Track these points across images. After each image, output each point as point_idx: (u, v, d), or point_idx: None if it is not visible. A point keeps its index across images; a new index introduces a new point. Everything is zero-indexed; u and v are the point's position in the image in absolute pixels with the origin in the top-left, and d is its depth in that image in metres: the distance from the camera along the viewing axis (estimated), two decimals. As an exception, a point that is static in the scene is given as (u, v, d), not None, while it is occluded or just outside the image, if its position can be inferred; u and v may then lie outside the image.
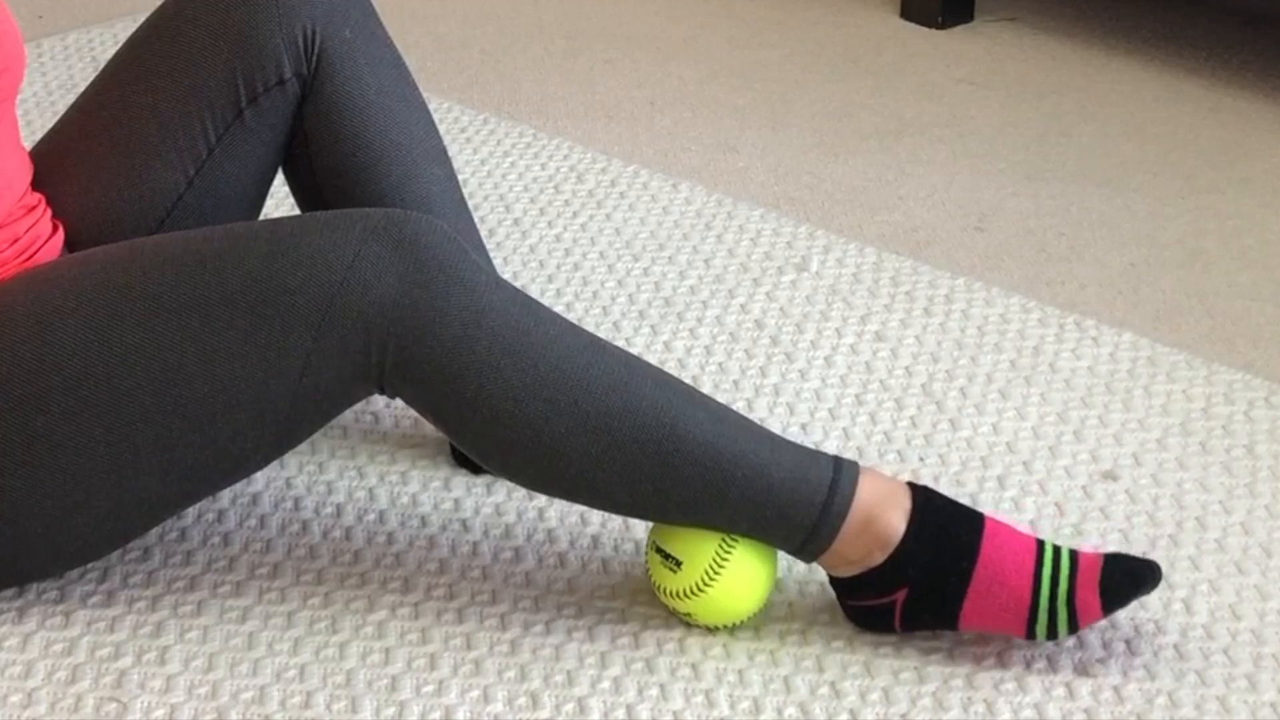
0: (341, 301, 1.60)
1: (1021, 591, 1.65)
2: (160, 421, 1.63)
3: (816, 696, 1.66)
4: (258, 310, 1.61)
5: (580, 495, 1.67)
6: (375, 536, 1.85)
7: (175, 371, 1.61)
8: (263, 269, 1.61)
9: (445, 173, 1.90)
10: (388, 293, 1.60)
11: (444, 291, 1.61)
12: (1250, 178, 2.62)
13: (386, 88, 1.87)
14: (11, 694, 1.64)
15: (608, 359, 1.64)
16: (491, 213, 2.46)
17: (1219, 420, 2.05)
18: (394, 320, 1.60)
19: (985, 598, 1.66)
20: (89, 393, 1.62)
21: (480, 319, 1.61)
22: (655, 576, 1.71)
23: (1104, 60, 2.99)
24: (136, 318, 1.62)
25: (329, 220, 1.63)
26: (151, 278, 1.63)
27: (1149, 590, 1.65)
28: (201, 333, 1.61)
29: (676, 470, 1.64)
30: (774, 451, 1.65)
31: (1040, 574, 1.65)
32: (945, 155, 2.68)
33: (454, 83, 2.87)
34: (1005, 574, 1.65)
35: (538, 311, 1.64)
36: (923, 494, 1.68)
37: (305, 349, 1.61)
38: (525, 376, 1.62)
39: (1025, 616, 1.65)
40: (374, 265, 1.60)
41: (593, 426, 1.62)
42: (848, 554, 1.67)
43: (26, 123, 2.63)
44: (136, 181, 1.82)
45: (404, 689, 1.66)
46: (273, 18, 1.82)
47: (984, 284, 2.32)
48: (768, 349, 2.17)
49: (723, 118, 2.78)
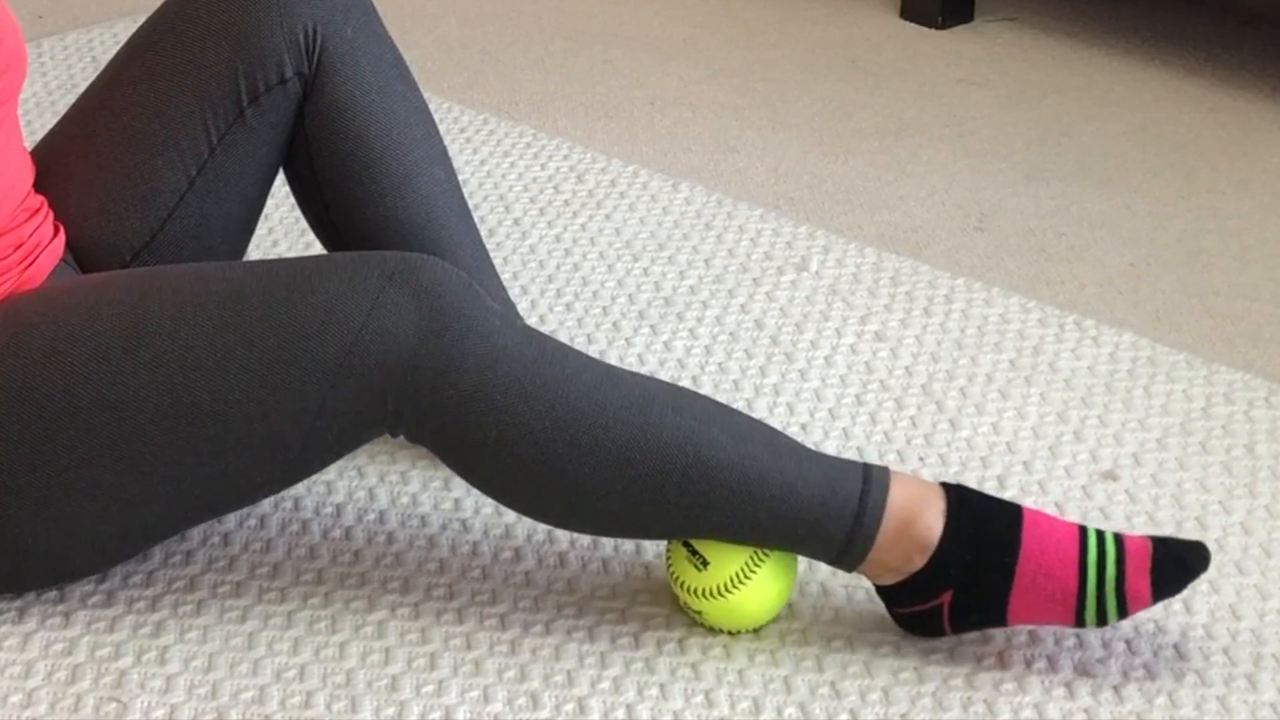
0: (359, 349, 1.60)
1: (1068, 581, 1.63)
2: (170, 455, 1.63)
3: (816, 696, 1.66)
4: (275, 354, 1.60)
5: (610, 528, 1.66)
6: (375, 536, 1.85)
7: (188, 409, 1.61)
8: (281, 313, 1.61)
9: (445, 173, 1.90)
10: (405, 342, 1.60)
11: (459, 341, 1.61)
12: (1250, 178, 2.62)
13: (387, 87, 1.87)
14: (11, 694, 1.64)
15: (625, 391, 1.64)
16: (491, 213, 2.46)
17: (1219, 420, 2.05)
18: (411, 369, 1.60)
19: (1031, 591, 1.64)
20: (99, 422, 1.62)
21: (495, 365, 1.61)
22: (676, 569, 1.70)
23: (1104, 60, 2.99)
24: (152, 353, 1.61)
25: (347, 265, 1.63)
26: (169, 313, 1.62)
27: (1199, 574, 1.63)
28: (217, 373, 1.61)
29: (704, 496, 1.63)
30: (800, 466, 1.64)
31: (1085, 560, 1.63)
32: (945, 155, 2.68)
33: (454, 83, 2.87)
34: (1050, 564, 1.63)
35: (553, 350, 1.64)
36: (956, 492, 1.67)
37: (321, 394, 1.61)
38: (544, 419, 1.61)
39: (1073, 606, 1.63)
40: (392, 314, 1.60)
41: (616, 461, 1.62)
42: (887, 561, 1.66)
43: (26, 123, 2.63)
44: (138, 181, 1.82)
45: (404, 689, 1.66)
46: (274, 17, 1.82)
47: (984, 284, 2.32)
48: (768, 349, 2.17)
49: (723, 118, 2.78)
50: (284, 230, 2.39)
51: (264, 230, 2.38)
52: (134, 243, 1.82)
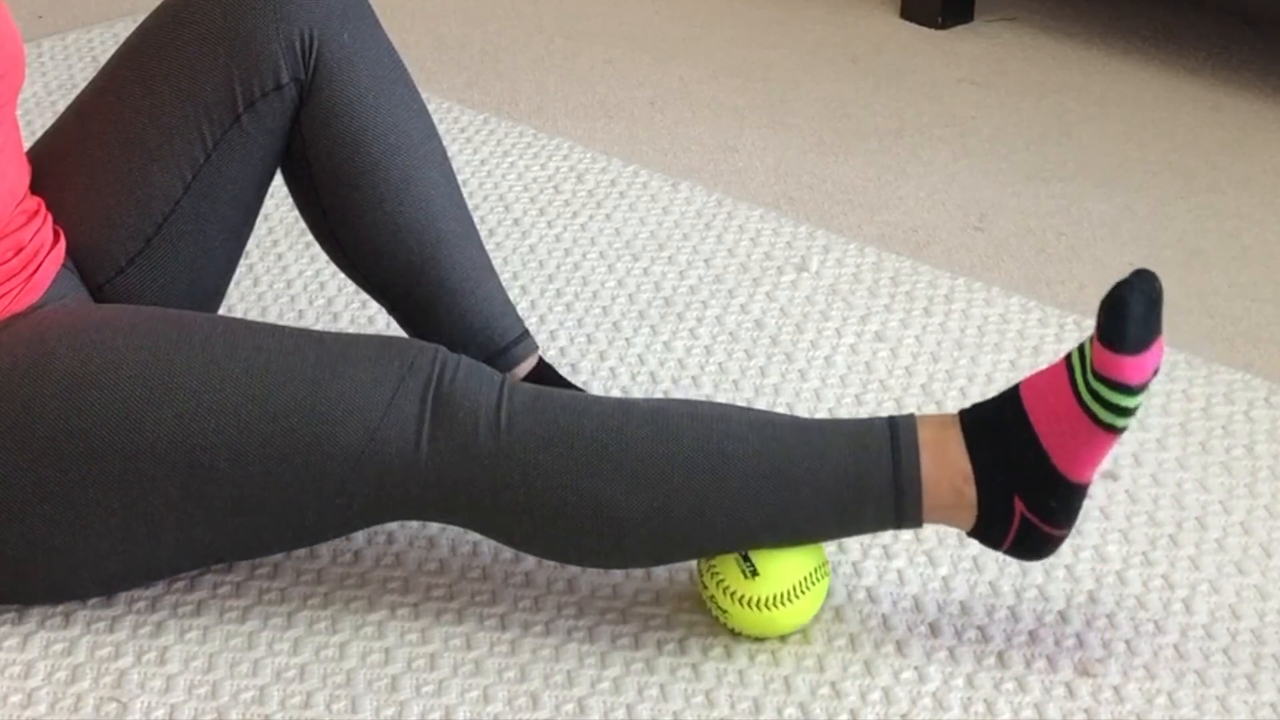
0: (380, 436, 1.62)
1: (1070, 408, 1.62)
2: (183, 509, 1.64)
3: (816, 696, 1.66)
4: (297, 434, 1.61)
5: (664, 551, 1.66)
6: (375, 536, 1.85)
7: (205, 470, 1.62)
8: (306, 394, 1.62)
9: (444, 175, 1.90)
10: (422, 443, 1.62)
11: (472, 425, 1.63)
12: (1250, 178, 2.62)
13: (385, 91, 1.86)
14: (11, 694, 1.64)
15: (638, 412, 1.65)
16: (491, 213, 2.46)
17: (1219, 420, 2.05)
18: (429, 456, 1.62)
19: (1059, 436, 1.63)
20: (113, 467, 1.62)
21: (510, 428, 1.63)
22: (721, 571, 1.68)
23: (1104, 60, 2.99)
24: (174, 411, 1.61)
25: (371, 351, 1.65)
26: (196, 373, 1.62)
27: (1148, 289, 1.61)
28: (238, 442, 1.61)
29: (741, 490, 1.63)
30: (824, 435, 1.65)
31: (1074, 377, 1.63)
32: (945, 155, 2.68)
33: (454, 83, 2.87)
34: (1058, 410, 1.62)
35: (560, 397, 1.65)
36: (966, 413, 1.66)
37: (342, 476, 1.63)
38: (568, 461, 1.62)
39: (1082, 415, 1.62)
40: (413, 402, 1.62)
41: (647, 480, 1.62)
42: (944, 497, 1.65)
43: (26, 123, 2.63)
44: (133, 186, 1.82)
45: (404, 689, 1.66)
46: (270, 23, 1.81)
47: (984, 284, 2.32)
48: (768, 349, 2.17)
49: (723, 118, 2.78)
50: (284, 230, 2.39)
51: (264, 230, 2.38)
52: (129, 247, 1.82)
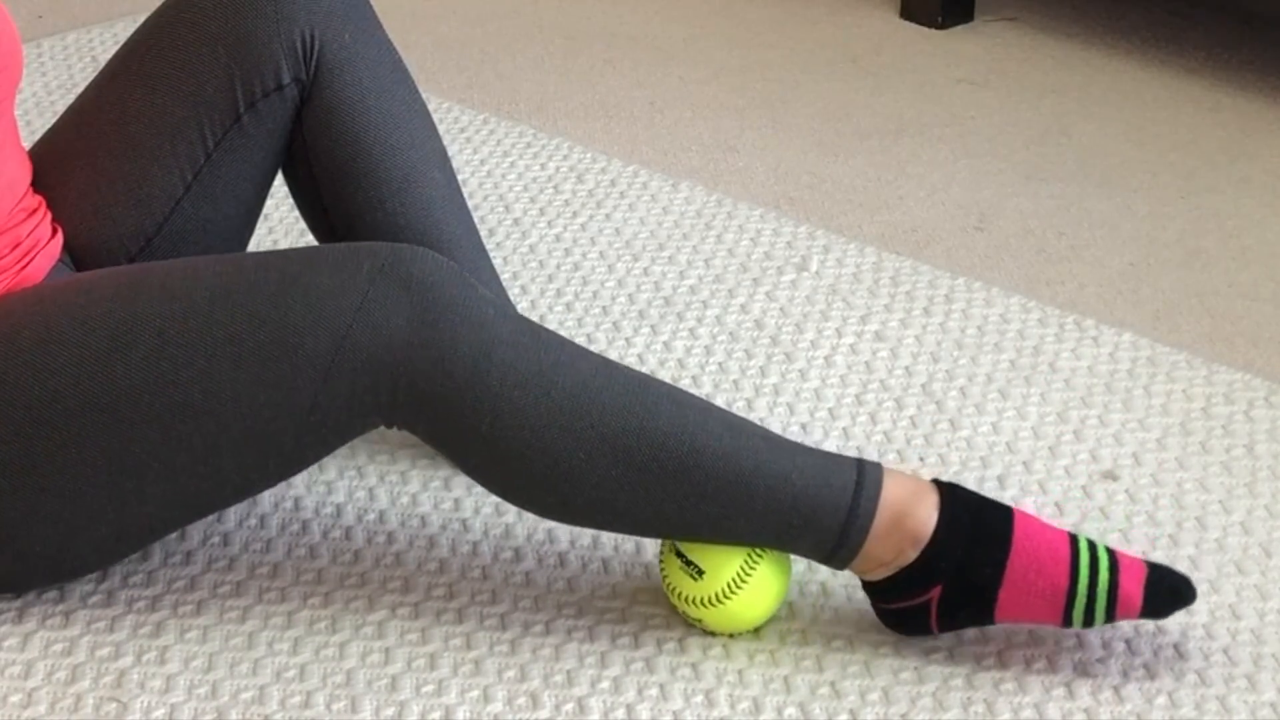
0: (350, 343, 1.59)
1: (1059, 578, 1.63)
2: (164, 454, 1.63)
3: (816, 696, 1.66)
4: (265, 350, 1.60)
5: (604, 520, 1.66)
6: (375, 536, 1.85)
7: (180, 408, 1.61)
8: (270, 309, 1.60)
9: (445, 176, 1.90)
10: (397, 334, 1.59)
11: (452, 330, 1.60)
12: (1250, 178, 2.62)
13: (386, 92, 1.86)
14: (11, 694, 1.64)
15: (620, 380, 1.63)
16: (491, 213, 2.46)
17: (1219, 420, 2.06)
18: (403, 361, 1.60)
19: (1021, 586, 1.63)
20: (91, 422, 1.61)
21: (490, 353, 1.60)
22: (672, 580, 1.70)
23: (1104, 60, 2.99)
24: (141, 352, 1.60)
25: (336, 258, 1.62)
26: (157, 311, 1.61)
27: (1186, 605, 1.64)
28: (208, 370, 1.60)
29: (699, 486, 1.63)
30: (795, 459, 1.64)
31: (1077, 561, 1.63)
32: (945, 155, 2.68)
33: (454, 83, 2.87)
34: (1041, 560, 1.63)
35: (548, 339, 1.64)
36: (949, 488, 1.67)
37: (314, 389, 1.61)
38: (540, 406, 1.61)
39: (1062, 604, 1.63)
40: (382, 306, 1.59)
41: (612, 450, 1.61)
42: (880, 554, 1.66)
43: (26, 123, 2.63)
44: (134, 186, 1.82)
45: (404, 689, 1.66)
46: (271, 23, 1.81)
47: (984, 284, 2.32)
48: (768, 349, 2.17)
49: (723, 118, 2.78)
50: (284, 230, 2.39)
51: (264, 230, 2.38)
52: (130, 246, 1.82)
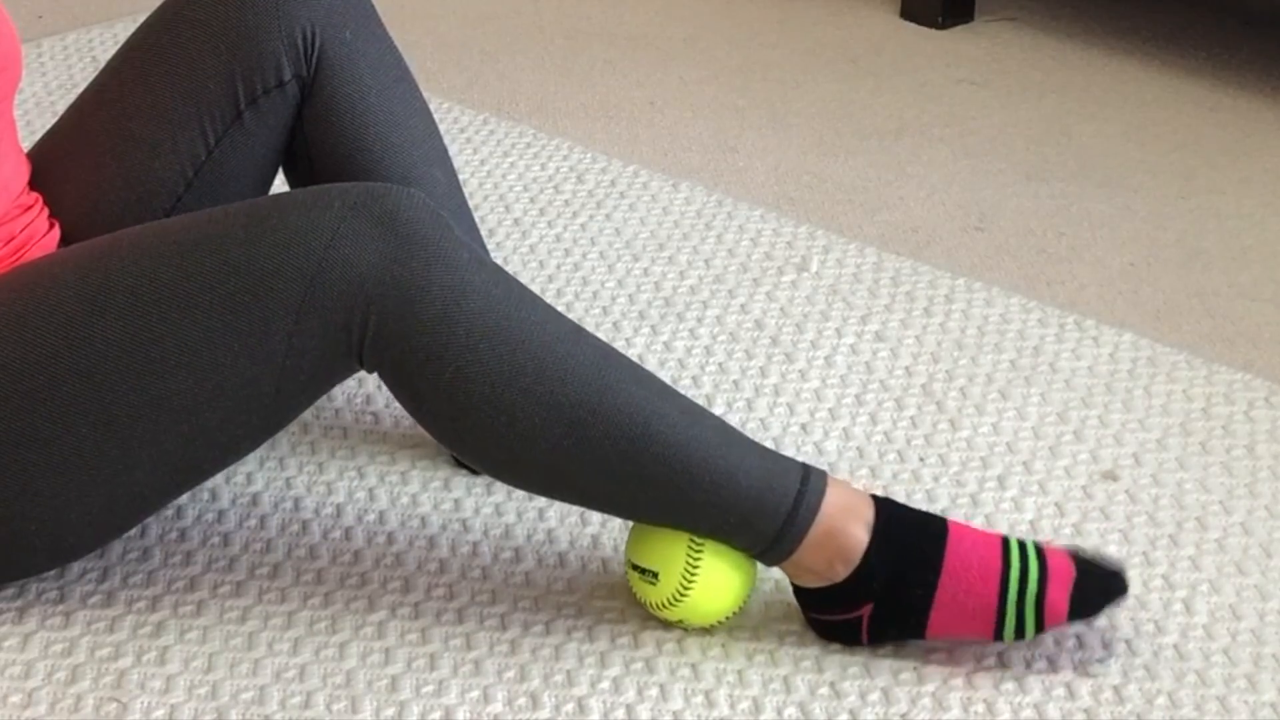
0: (321, 281, 1.58)
1: (988, 597, 1.64)
2: (147, 415, 1.62)
3: (816, 696, 1.66)
4: (237, 296, 1.59)
5: (546, 486, 1.66)
6: (375, 536, 1.85)
7: (158, 364, 1.60)
8: (240, 254, 1.59)
9: (446, 175, 1.90)
10: (368, 269, 1.58)
11: (425, 268, 1.59)
12: (1250, 178, 2.62)
13: (387, 89, 1.86)
14: (11, 694, 1.64)
15: (587, 350, 1.63)
16: (491, 213, 2.46)
17: (1219, 420, 2.06)
18: (374, 296, 1.58)
19: (951, 607, 1.65)
20: (73, 391, 1.61)
21: (461, 299, 1.59)
22: (638, 592, 1.71)
23: (1104, 60, 2.99)
24: (115, 312, 1.60)
25: (306, 199, 1.61)
26: (129, 270, 1.61)
27: (1117, 600, 1.65)
28: (182, 323, 1.59)
29: (645, 470, 1.63)
30: (744, 457, 1.64)
31: (1008, 575, 1.64)
32: (945, 155, 2.68)
33: (454, 83, 2.87)
34: (971, 581, 1.64)
35: (520, 294, 1.63)
36: (886, 506, 1.67)
37: (287, 331, 1.60)
38: (504, 363, 1.60)
39: (993, 620, 1.65)
40: (353, 242, 1.58)
41: (567, 419, 1.61)
42: (810, 564, 1.66)
43: (26, 123, 2.63)
44: (135, 183, 1.82)
45: (404, 689, 1.66)
46: (272, 20, 1.82)
47: (984, 284, 2.32)
48: (768, 349, 2.17)
49: (723, 118, 2.78)
50: (284, 230, 2.39)
51: (264, 230, 2.38)
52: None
